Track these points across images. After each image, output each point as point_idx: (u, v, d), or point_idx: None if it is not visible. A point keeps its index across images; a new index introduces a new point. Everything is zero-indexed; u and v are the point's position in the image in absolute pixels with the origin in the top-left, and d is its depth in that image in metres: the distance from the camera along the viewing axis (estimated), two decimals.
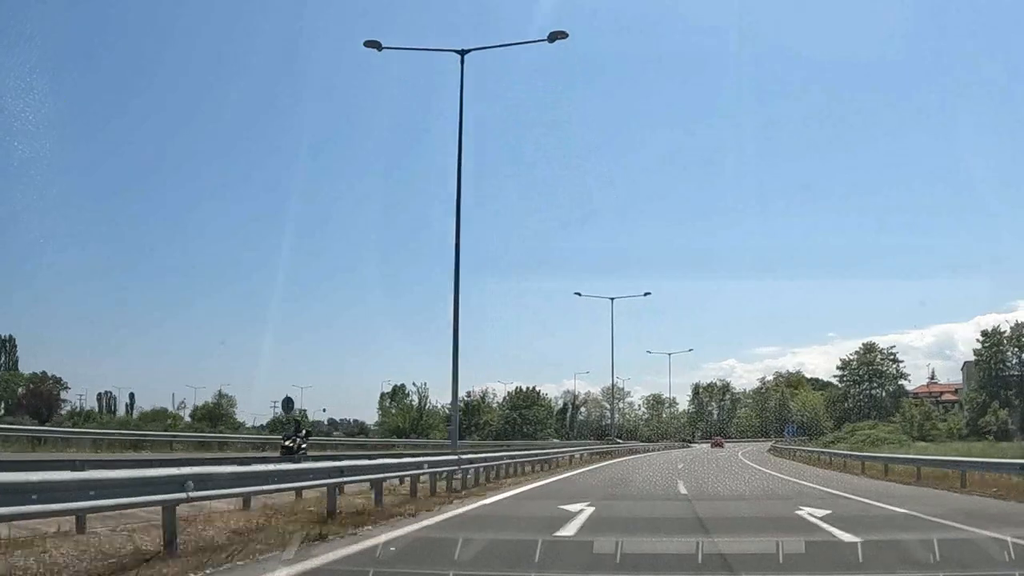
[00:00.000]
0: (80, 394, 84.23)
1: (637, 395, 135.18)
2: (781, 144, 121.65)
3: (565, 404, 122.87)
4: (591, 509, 12.63)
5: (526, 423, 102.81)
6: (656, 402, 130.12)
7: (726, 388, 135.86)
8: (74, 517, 7.92)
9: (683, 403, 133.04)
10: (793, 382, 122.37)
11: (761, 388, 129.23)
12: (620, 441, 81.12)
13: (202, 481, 7.76)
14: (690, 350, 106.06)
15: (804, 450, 52.42)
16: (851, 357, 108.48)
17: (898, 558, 7.85)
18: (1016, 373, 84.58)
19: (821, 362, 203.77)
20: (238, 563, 7.02)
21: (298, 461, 14.43)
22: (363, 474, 12.40)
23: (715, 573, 6.96)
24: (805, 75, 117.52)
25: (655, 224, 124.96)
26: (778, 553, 7.43)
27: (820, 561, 7.64)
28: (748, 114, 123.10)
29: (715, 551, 7.99)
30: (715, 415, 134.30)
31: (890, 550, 8.31)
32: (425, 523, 10.80)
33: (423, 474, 15.13)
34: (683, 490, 18.93)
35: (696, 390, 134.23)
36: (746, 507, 15.24)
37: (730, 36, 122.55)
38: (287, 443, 20.50)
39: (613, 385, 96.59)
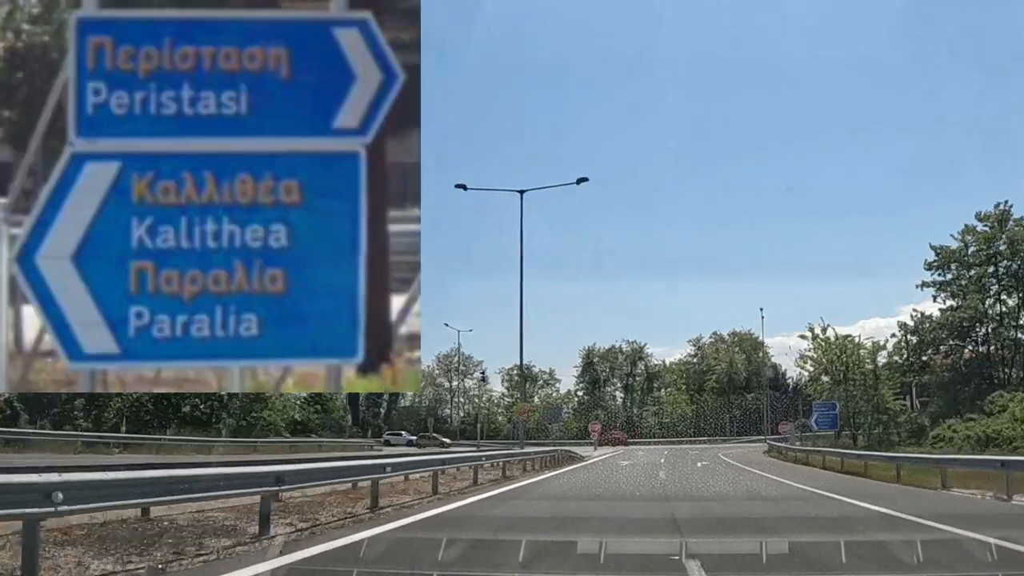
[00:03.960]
0: None
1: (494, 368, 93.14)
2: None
3: None
4: None
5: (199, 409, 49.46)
6: (524, 378, 76.50)
7: (639, 354, 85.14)
8: None
9: (567, 382, 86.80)
10: (747, 346, 79.79)
11: (694, 355, 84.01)
12: (448, 442, 57.99)
13: None
14: (582, 180, 36.95)
15: None
16: (965, 239, 47.87)
17: None
18: None
19: None
20: None
21: None
22: None
23: None
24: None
25: None
26: None
27: None
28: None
29: None
30: (619, 399, 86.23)
31: None
32: None
33: None
34: None
35: (588, 359, 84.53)
36: None
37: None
38: None
39: None
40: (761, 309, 74.82)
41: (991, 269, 48.85)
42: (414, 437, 62.05)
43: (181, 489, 7.72)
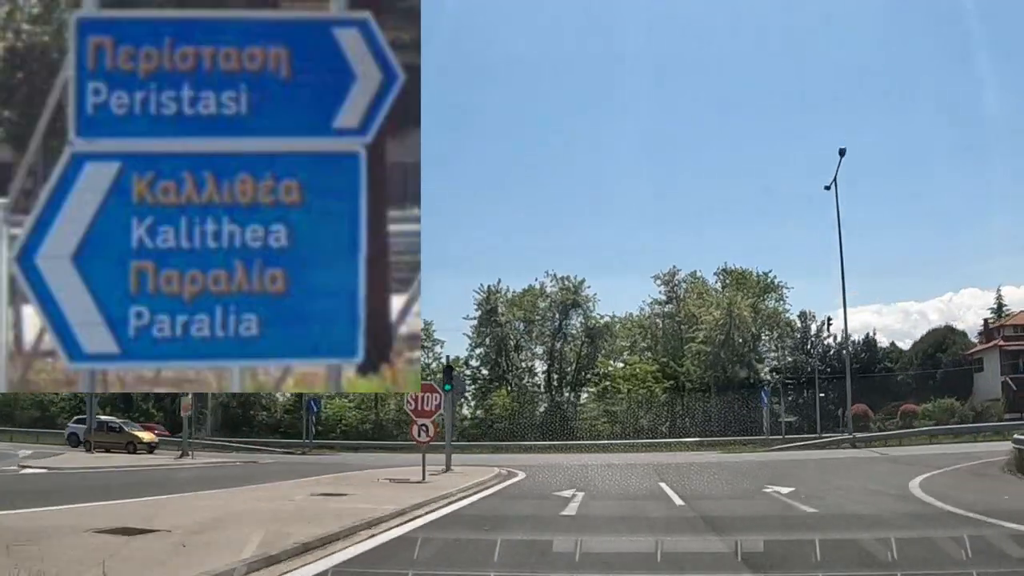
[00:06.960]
0: None
1: None
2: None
3: None
4: None
5: None
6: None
7: (573, 298, 51.14)
8: None
9: (458, 346, 54.45)
10: (752, 288, 50.15)
11: (666, 301, 52.17)
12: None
13: None
14: None
15: None
16: None
17: None
18: None
19: None
20: None
21: None
22: None
23: None
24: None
25: None
26: None
27: None
28: None
29: None
30: (539, 375, 52.94)
31: None
32: None
33: None
34: None
35: (489, 306, 50.56)
36: None
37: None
38: None
39: None
40: (841, 154, 37.60)
41: None
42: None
43: None
